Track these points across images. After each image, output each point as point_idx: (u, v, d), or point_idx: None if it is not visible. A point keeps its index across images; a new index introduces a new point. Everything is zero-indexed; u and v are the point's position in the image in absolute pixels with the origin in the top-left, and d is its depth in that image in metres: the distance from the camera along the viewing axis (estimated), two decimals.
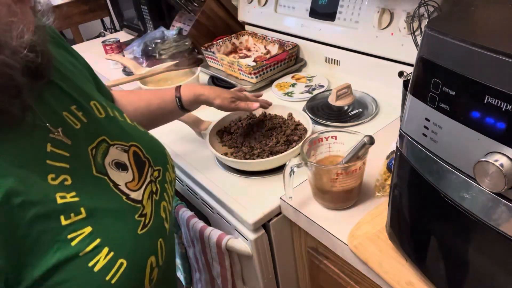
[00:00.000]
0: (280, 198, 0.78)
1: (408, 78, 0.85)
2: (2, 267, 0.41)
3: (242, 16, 1.50)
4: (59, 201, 0.46)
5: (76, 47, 1.94)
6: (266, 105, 0.96)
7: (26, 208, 0.43)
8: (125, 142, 0.60)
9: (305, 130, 0.93)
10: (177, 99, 0.84)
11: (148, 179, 0.60)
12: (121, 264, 0.50)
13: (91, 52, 1.79)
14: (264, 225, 0.80)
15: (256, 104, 0.90)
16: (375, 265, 0.61)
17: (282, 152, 0.85)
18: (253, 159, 0.87)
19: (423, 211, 0.52)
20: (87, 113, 0.56)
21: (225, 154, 0.91)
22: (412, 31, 0.89)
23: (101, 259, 0.48)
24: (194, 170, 0.93)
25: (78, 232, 0.47)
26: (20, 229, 0.43)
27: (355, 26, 1.10)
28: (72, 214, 0.47)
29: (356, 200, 0.74)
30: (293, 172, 0.71)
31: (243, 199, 0.82)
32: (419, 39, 0.88)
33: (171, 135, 1.07)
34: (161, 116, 0.86)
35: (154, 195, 0.60)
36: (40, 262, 0.44)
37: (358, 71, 1.14)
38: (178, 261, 1.05)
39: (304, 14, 1.25)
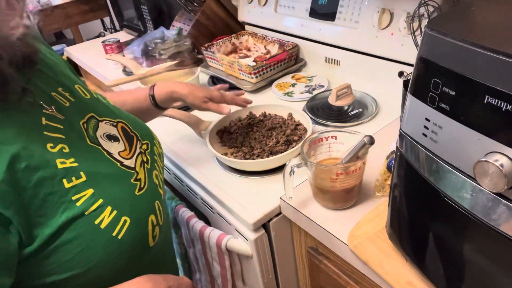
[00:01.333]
0: (280, 198, 0.78)
1: (408, 78, 0.85)
2: (13, 223, 0.45)
3: (242, 16, 1.50)
4: (60, 166, 0.51)
5: (76, 47, 1.94)
6: (244, 104, 0.95)
7: (31, 172, 0.48)
8: (112, 118, 0.65)
9: (305, 130, 0.93)
10: (150, 97, 0.86)
11: (138, 151, 0.65)
12: (125, 221, 0.54)
13: (91, 52, 1.79)
14: (264, 225, 0.80)
15: (227, 109, 0.89)
16: (375, 265, 0.61)
17: (282, 152, 0.85)
18: (253, 159, 0.87)
19: (423, 211, 0.52)
20: (73, 94, 0.61)
21: (225, 154, 0.91)
22: (412, 31, 0.89)
23: (106, 217, 0.53)
24: (194, 170, 0.93)
25: (82, 194, 0.51)
26: (27, 191, 0.47)
27: (355, 26, 1.10)
28: (73, 178, 0.51)
29: (356, 200, 0.74)
30: (293, 172, 0.71)
31: (243, 199, 0.82)
32: (419, 39, 0.88)
33: (171, 135, 1.07)
34: (137, 115, 0.85)
35: (145, 164, 0.65)
36: (49, 221, 0.48)
37: (358, 71, 1.14)
38: (178, 261, 1.05)
39: (304, 14, 1.25)
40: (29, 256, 0.48)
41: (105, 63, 1.59)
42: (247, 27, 1.51)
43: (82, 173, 0.52)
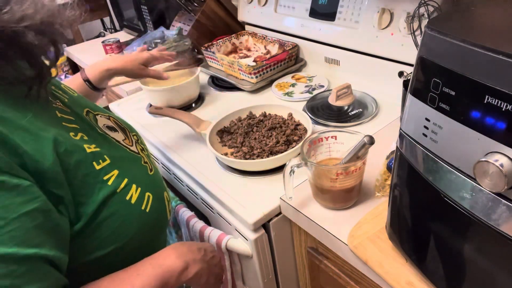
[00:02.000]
0: (280, 198, 0.78)
1: (408, 78, 0.85)
2: (65, 202, 0.50)
3: (242, 16, 1.50)
4: (88, 150, 0.55)
5: (76, 47, 1.94)
6: (169, 58, 1.01)
7: (69, 155, 0.51)
8: (103, 113, 0.69)
9: (305, 130, 0.93)
10: (86, 82, 0.88)
11: (133, 140, 0.70)
12: (149, 196, 0.60)
13: (91, 52, 1.79)
14: (264, 225, 0.80)
15: (165, 75, 0.97)
16: (375, 265, 0.61)
17: (282, 152, 0.85)
18: (253, 159, 0.87)
19: (423, 211, 0.52)
20: (64, 92, 0.64)
21: (225, 154, 0.91)
22: (412, 31, 0.89)
23: (134, 193, 0.58)
24: (194, 170, 0.93)
25: (110, 174, 0.56)
26: (69, 173, 0.51)
27: (355, 26, 1.10)
28: (100, 161, 0.55)
29: (356, 200, 0.74)
30: (293, 172, 0.71)
31: (243, 199, 0.82)
32: (419, 39, 0.88)
33: (171, 135, 1.07)
34: None
35: (143, 151, 0.69)
36: (90, 200, 0.53)
37: (358, 71, 1.14)
38: None
39: (304, 14, 1.25)
40: (76, 235, 0.51)
41: None
42: (247, 27, 1.51)
43: (106, 156, 0.56)
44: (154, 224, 0.61)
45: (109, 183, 0.55)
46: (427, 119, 0.45)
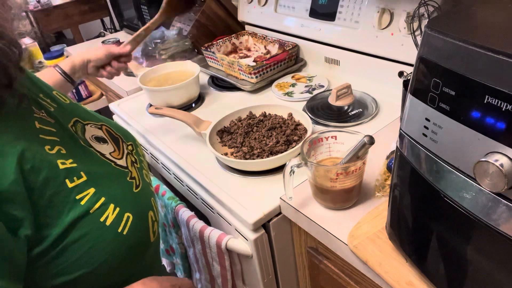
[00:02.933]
0: (280, 198, 0.78)
1: (408, 78, 0.85)
2: (25, 225, 0.46)
3: (242, 16, 1.50)
4: (61, 166, 0.51)
5: (76, 47, 1.94)
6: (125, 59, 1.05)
7: (36, 172, 0.48)
8: (95, 122, 0.66)
9: (305, 130, 0.93)
10: (66, 77, 0.91)
11: (126, 151, 0.66)
12: (128, 217, 0.55)
13: None
14: (264, 225, 0.80)
15: (128, 46, 1.04)
16: (375, 265, 0.61)
17: (282, 152, 0.85)
18: (253, 159, 0.87)
19: (423, 211, 0.52)
20: (53, 100, 0.62)
21: (225, 154, 0.91)
22: (412, 31, 0.89)
23: (110, 214, 0.54)
24: (194, 170, 0.93)
25: (84, 193, 0.52)
26: (34, 192, 0.47)
27: (355, 26, 1.10)
28: (75, 178, 0.52)
29: (356, 200, 0.74)
30: (293, 172, 0.71)
31: (243, 199, 0.82)
32: (419, 39, 0.88)
33: (171, 135, 1.07)
34: None
35: (135, 164, 0.66)
36: (57, 221, 0.49)
37: (358, 71, 1.14)
38: (178, 261, 1.05)
39: (304, 14, 1.25)
40: (38, 258, 0.48)
41: None
42: (247, 27, 1.51)
43: (82, 173, 0.53)
44: (131, 248, 0.56)
45: (82, 202, 0.51)
46: (427, 119, 0.45)
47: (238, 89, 1.24)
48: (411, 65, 0.97)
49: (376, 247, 0.63)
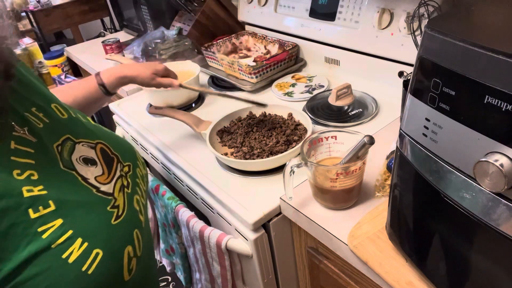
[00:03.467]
0: (280, 198, 0.78)
1: (408, 78, 0.85)
2: None
3: (242, 16, 1.50)
4: (26, 194, 0.46)
5: (76, 47, 1.94)
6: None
7: None
8: (90, 140, 0.61)
9: (305, 130, 0.93)
10: (101, 86, 0.88)
11: (118, 174, 0.61)
12: (97, 254, 0.49)
13: (91, 52, 1.79)
14: (264, 225, 0.80)
15: (177, 82, 0.97)
16: (375, 265, 0.61)
17: (282, 152, 0.85)
18: (253, 159, 0.87)
19: (423, 211, 0.52)
20: (48, 114, 0.57)
21: (225, 154, 0.91)
22: (412, 31, 0.89)
23: (75, 250, 0.48)
24: (194, 170, 0.93)
25: (49, 225, 0.47)
26: None
27: (355, 26, 1.10)
28: (40, 207, 0.47)
29: (356, 200, 0.74)
30: (293, 172, 0.71)
31: (243, 199, 0.82)
32: (419, 39, 0.88)
33: (171, 135, 1.07)
34: (88, 105, 0.89)
35: (125, 189, 0.60)
36: (11, 256, 0.44)
37: (358, 71, 1.14)
38: (178, 261, 1.05)
39: (304, 14, 1.25)
40: None
41: (105, 63, 1.59)
42: (247, 27, 1.51)
43: (51, 202, 0.48)
44: None
45: (44, 236, 0.46)
46: (427, 119, 0.45)
47: (238, 89, 1.24)
48: (411, 65, 0.97)
49: (376, 247, 0.63)
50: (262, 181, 0.86)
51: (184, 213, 0.90)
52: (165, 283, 1.74)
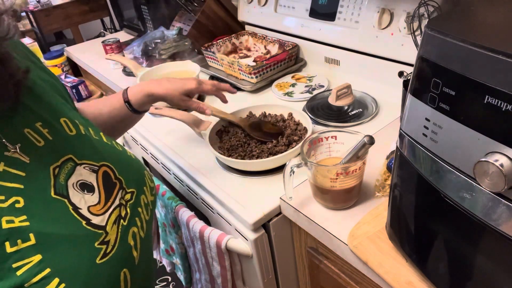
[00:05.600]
0: (280, 198, 0.78)
1: (408, 78, 0.85)
2: None
3: (242, 16, 1.50)
4: (5, 225, 0.43)
5: (76, 47, 1.94)
6: (224, 99, 0.90)
7: None
8: (95, 161, 0.56)
9: (305, 130, 0.93)
10: (126, 104, 0.79)
11: (116, 202, 0.56)
12: None
13: (91, 52, 1.79)
14: (264, 225, 0.80)
15: (208, 111, 0.86)
16: (375, 265, 0.61)
17: (282, 152, 0.85)
18: (253, 159, 0.87)
19: (423, 211, 0.52)
20: (54, 130, 0.53)
21: (225, 154, 0.91)
22: (412, 31, 0.89)
23: None
24: (194, 170, 0.93)
25: (25, 261, 0.43)
26: None
27: (355, 26, 1.10)
28: (19, 241, 0.43)
29: (356, 200, 0.74)
30: (293, 172, 0.71)
31: (243, 199, 0.82)
32: (419, 39, 0.88)
33: (171, 135, 1.07)
34: (116, 124, 0.81)
35: (122, 220, 0.55)
36: None
37: (358, 71, 1.14)
38: (178, 261, 1.05)
39: (304, 14, 1.25)
40: None
41: (105, 63, 1.59)
42: (247, 27, 1.51)
43: (31, 235, 0.44)
44: None
45: (19, 272, 0.42)
46: (427, 119, 0.45)
47: (238, 89, 1.24)
48: (411, 65, 0.97)
49: (376, 247, 0.63)
50: (262, 181, 0.86)
51: (184, 213, 0.90)
52: (165, 283, 1.74)
